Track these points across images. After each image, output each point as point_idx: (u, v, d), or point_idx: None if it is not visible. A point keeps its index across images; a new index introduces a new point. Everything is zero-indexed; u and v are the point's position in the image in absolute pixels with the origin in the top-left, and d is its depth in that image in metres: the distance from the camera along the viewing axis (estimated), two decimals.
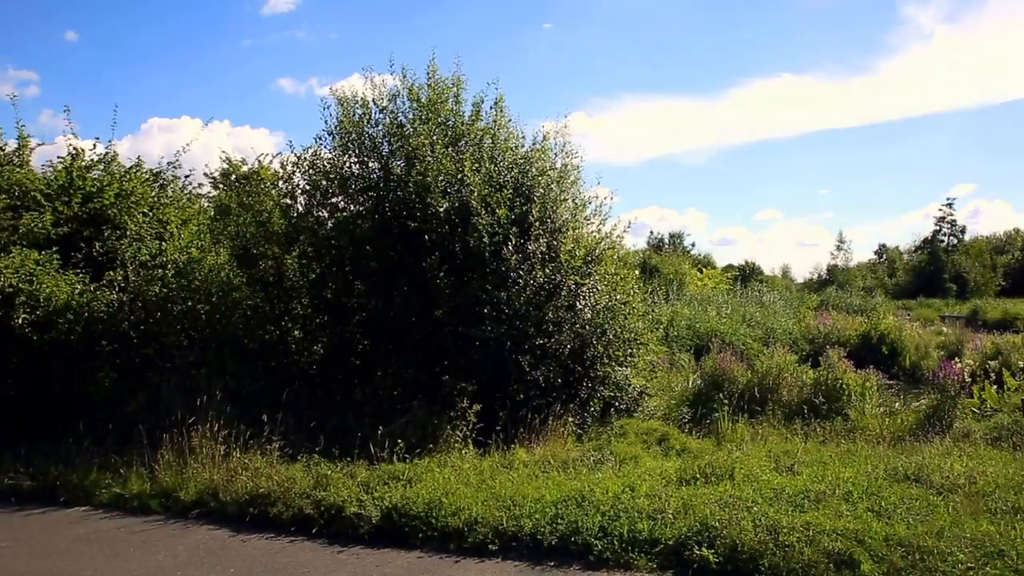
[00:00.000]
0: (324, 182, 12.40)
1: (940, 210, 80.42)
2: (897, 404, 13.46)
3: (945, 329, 29.58)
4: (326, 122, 12.54)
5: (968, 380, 13.73)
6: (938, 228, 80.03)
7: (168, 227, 13.72)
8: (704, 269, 53.41)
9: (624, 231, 13.33)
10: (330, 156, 12.58)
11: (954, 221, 79.91)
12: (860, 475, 8.09)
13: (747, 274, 63.11)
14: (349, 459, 9.16)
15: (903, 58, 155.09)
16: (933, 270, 74.55)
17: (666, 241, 76.78)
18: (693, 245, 77.98)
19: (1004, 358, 17.24)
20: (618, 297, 12.45)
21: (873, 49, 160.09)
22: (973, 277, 73.10)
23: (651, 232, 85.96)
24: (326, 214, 12.58)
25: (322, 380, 11.99)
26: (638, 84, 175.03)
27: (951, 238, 79.44)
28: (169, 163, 15.47)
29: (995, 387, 13.41)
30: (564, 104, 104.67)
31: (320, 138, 12.59)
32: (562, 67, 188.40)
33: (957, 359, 17.29)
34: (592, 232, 12.90)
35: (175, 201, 14.84)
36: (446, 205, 11.31)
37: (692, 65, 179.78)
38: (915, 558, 6.06)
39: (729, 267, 68.88)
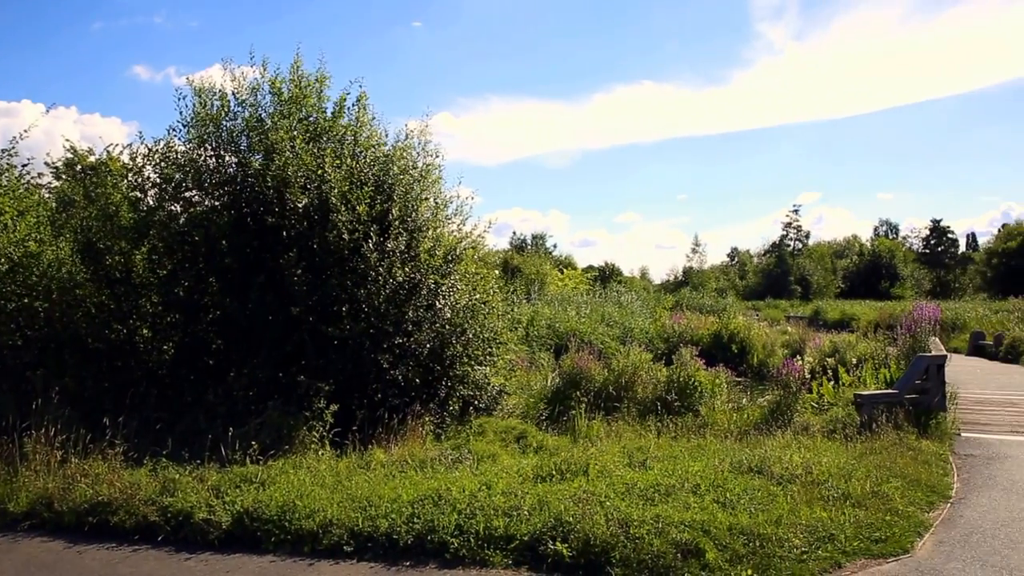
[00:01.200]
0: (178, 175, 11.91)
1: (787, 216, 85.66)
2: (744, 400, 14.23)
3: (790, 328, 31.62)
4: (181, 113, 12.09)
5: (808, 377, 14.66)
6: (785, 233, 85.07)
7: (2, 218, 12.80)
8: (565, 270, 54.48)
9: (485, 231, 13.51)
10: (184, 149, 12.10)
11: (800, 227, 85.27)
12: (708, 468, 8.48)
13: (607, 275, 65.08)
14: (199, 462, 8.82)
15: (756, 71, 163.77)
16: (780, 273, 79.09)
17: (528, 242, 78.03)
18: (555, 246, 79.56)
19: (840, 355, 18.57)
20: (478, 296, 12.58)
21: (729, 62, 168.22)
22: (816, 280, 78.27)
23: (514, 233, 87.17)
24: (179, 208, 12.08)
25: (172, 381, 11.49)
26: (504, 86, 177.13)
27: (797, 243, 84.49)
28: (4, 150, 14.46)
29: (832, 383, 14.38)
30: (431, 103, 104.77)
31: (174, 129, 12.13)
32: (431, 66, 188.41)
33: (799, 357, 18.47)
34: (453, 231, 12.97)
35: (11, 191, 13.87)
36: (305, 201, 11.10)
37: (557, 69, 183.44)
38: (755, 545, 6.47)
39: (590, 268, 70.65)
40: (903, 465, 8.86)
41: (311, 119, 12.23)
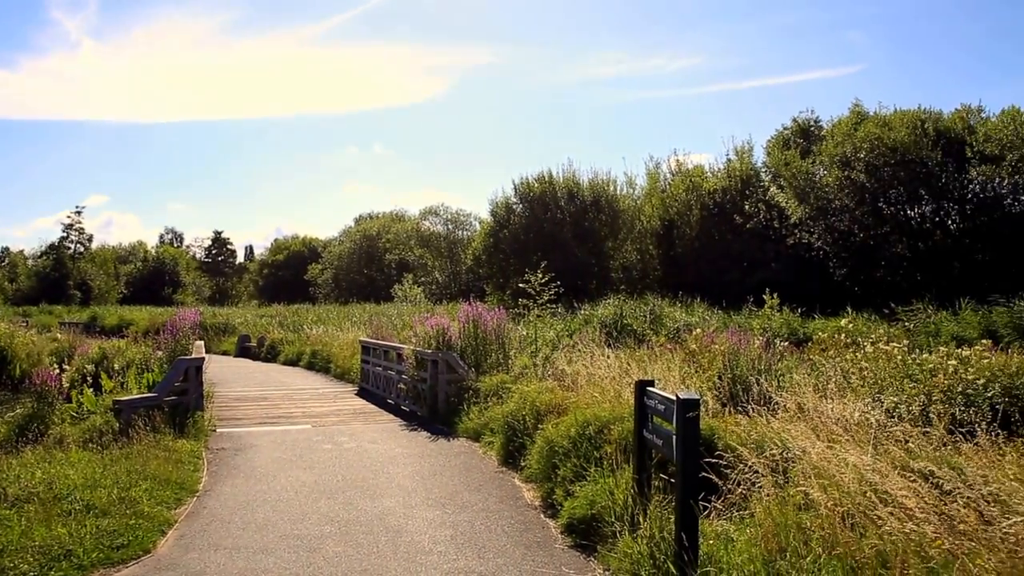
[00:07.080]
0: None
1: (69, 217, 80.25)
2: None
3: (60, 336, 29.60)
4: None
5: (68, 385, 13.93)
6: (66, 235, 79.61)
7: None
8: None
9: None
10: None
11: (83, 229, 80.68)
12: None
13: None
14: None
15: (50, 61, 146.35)
16: (59, 276, 74.37)
17: None
18: None
19: (108, 362, 18.03)
20: None
21: (16, 44, 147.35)
22: (98, 285, 75.83)
23: None
24: None
25: None
26: None
27: (79, 246, 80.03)
28: None
29: (94, 390, 13.86)
30: None
31: None
32: None
33: (65, 365, 17.46)
34: None
35: None
36: None
37: None
38: None
39: None
40: (156, 467, 9.02)
41: None
